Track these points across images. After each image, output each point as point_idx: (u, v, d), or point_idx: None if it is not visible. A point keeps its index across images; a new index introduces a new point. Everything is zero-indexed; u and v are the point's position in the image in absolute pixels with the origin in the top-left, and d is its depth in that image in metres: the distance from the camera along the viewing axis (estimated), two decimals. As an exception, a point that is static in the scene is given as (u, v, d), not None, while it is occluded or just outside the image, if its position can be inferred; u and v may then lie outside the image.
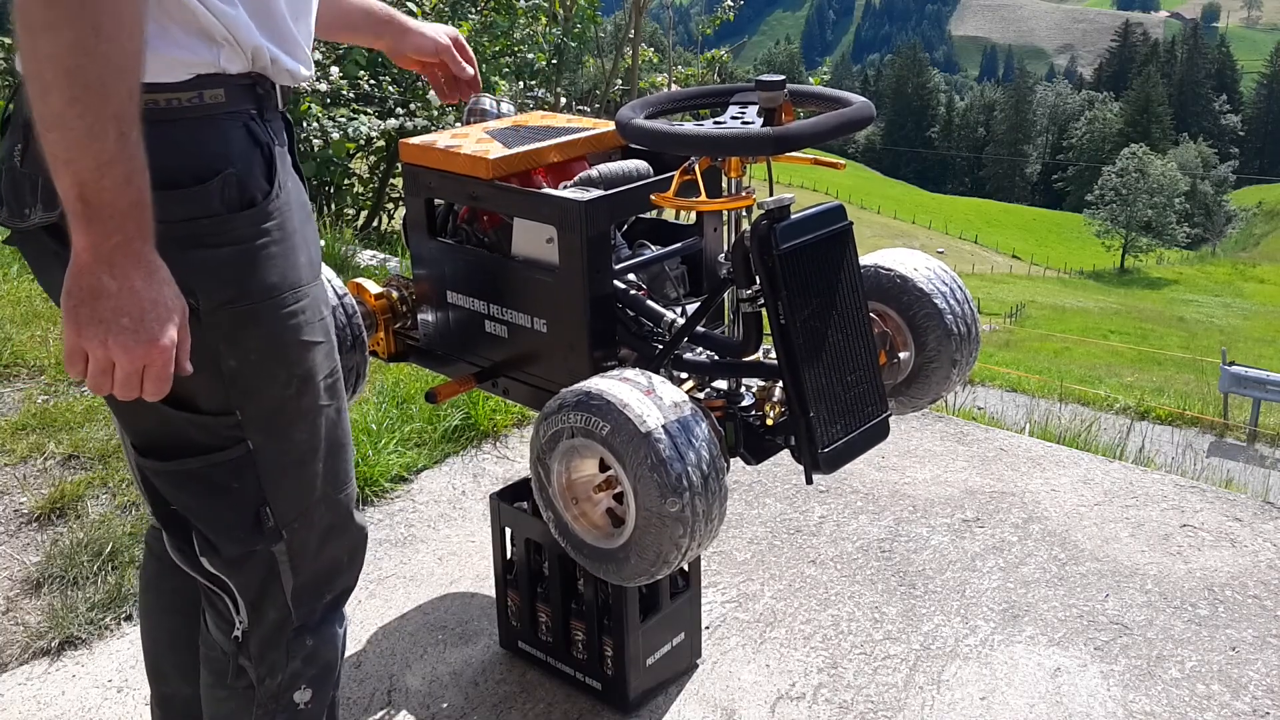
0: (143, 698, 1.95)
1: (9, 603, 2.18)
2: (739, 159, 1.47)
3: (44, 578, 2.23)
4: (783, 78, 1.46)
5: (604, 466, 1.44)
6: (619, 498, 1.44)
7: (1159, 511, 2.67)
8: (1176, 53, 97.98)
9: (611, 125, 1.66)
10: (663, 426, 1.34)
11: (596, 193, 1.58)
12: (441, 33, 1.70)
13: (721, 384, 1.62)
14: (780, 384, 1.50)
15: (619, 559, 1.43)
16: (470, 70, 1.73)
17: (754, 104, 1.48)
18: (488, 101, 1.88)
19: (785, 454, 1.54)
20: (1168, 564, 2.43)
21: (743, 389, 1.61)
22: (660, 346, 1.58)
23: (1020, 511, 2.66)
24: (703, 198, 1.46)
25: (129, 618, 2.16)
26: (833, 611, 2.23)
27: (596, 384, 1.41)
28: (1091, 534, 2.56)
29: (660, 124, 1.46)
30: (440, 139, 1.73)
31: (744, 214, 1.52)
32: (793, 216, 1.43)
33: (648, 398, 1.37)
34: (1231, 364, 12.38)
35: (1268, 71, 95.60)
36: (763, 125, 1.43)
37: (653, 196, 1.52)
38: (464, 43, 1.73)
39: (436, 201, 1.78)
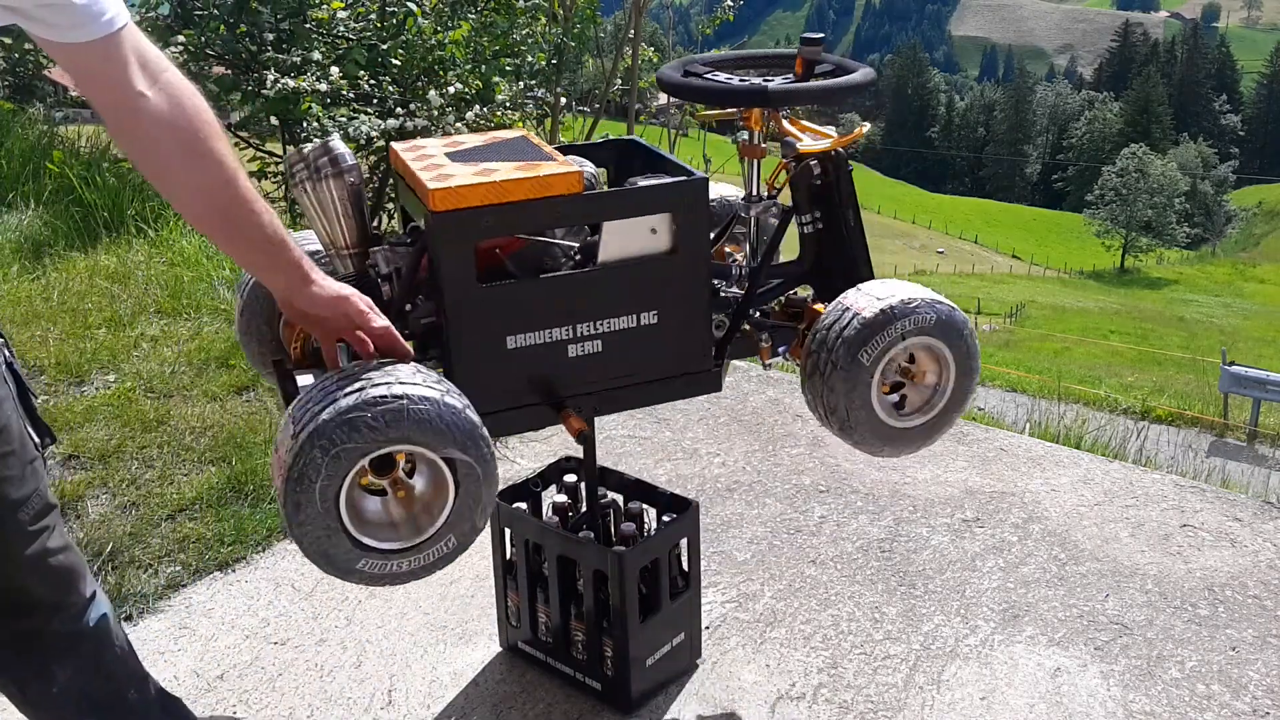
0: (143, 698, 1.95)
1: (9, 603, 2.18)
2: (759, 111, 1.80)
3: (44, 578, 2.23)
4: (821, 35, 1.79)
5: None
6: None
7: (1159, 511, 2.67)
8: (1176, 53, 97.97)
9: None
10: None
11: (698, 172, 1.72)
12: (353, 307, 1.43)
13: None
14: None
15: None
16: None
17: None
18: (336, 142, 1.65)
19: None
20: (1168, 564, 2.43)
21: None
22: (739, 293, 1.82)
23: (1020, 511, 2.66)
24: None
25: (129, 618, 2.16)
26: (833, 611, 2.23)
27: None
28: (1091, 534, 2.56)
29: (686, 78, 1.83)
30: (456, 175, 1.58)
31: (759, 163, 1.86)
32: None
33: None
34: (1231, 364, 12.38)
35: (1268, 71, 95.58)
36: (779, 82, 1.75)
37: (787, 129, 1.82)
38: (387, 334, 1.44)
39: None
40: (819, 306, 1.80)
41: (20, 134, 5.16)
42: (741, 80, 1.83)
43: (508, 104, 6.83)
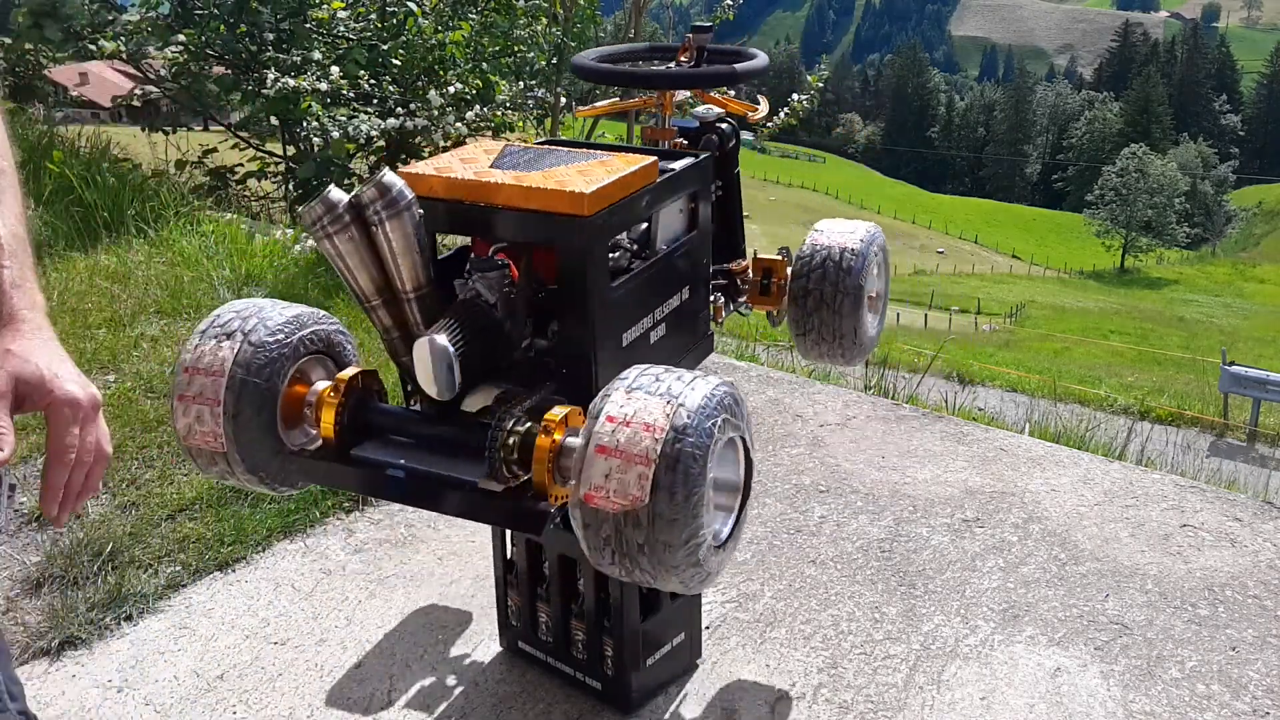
0: (143, 698, 1.95)
1: (9, 603, 2.18)
2: (671, 96, 2.03)
3: (44, 578, 2.23)
4: (711, 24, 2.00)
5: None
6: None
7: (1159, 511, 2.67)
8: (1176, 53, 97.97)
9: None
10: None
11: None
12: (76, 386, 1.05)
13: None
14: None
15: None
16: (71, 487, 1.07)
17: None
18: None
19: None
20: (1168, 564, 2.43)
21: None
22: None
23: (1020, 511, 2.66)
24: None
25: (129, 618, 2.16)
26: (833, 611, 2.23)
27: None
28: (1091, 534, 2.56)
29: (600, 64, 2.00)
30: (572, 178, 1.52)
31: (668, 144, 2.00)
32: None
33: None
34: (1231, 364, 12.36)
35: (1268, 71, 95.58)
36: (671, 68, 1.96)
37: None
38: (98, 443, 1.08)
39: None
40: (782, 259, 2.06)
41: (20, 134, 5.16)
42: (653, 68, 2.06)
43: (508, 104, 6.83)
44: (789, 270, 2.05)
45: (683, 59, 2.06)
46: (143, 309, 3.63)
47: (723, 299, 2.04)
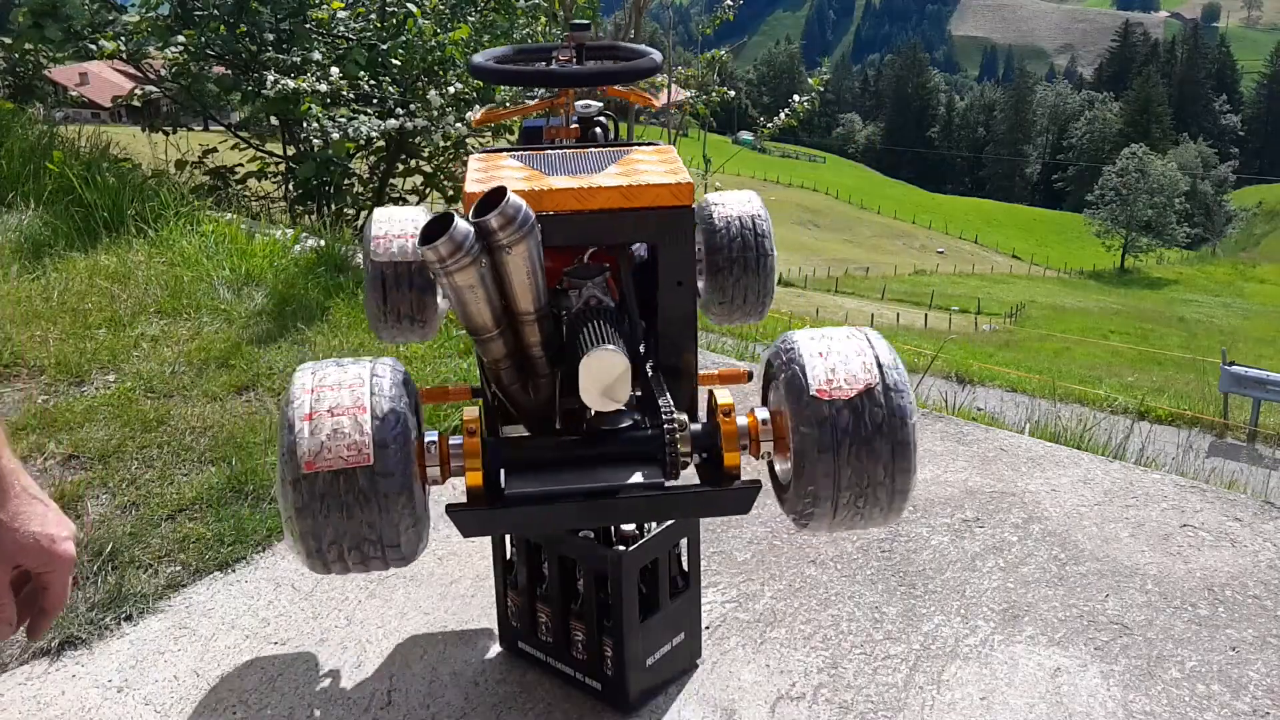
0: (142, 698, 1.95)
1: (9, 603, 2.18)
2: (572, 94, 2.04)
3: (44, 578, 2.23)
4: (587, 23, 2.01)
5: None
6: None
7: (1159, 511, 2.67)
8: (1176, 53, 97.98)
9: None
10: None
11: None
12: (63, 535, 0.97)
13: None
14: None
15: None
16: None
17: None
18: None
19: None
20: (1168, 564, 2.43)
21: None
22: None
23: (1020, 511, 2.66)
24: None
25: (129, 618, 2.16)
26: (833, 611, 2.23)
27: None
28: (1091, 534, 2.56)
29: (493, 64, 1.96)
30: (649, 171, 1.57)
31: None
32: None
33: None
34: (1231, 364, 12.36)
35: (1268, 71, 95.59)
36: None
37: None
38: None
39: None
40: None
41: (20, 134, 5.16)
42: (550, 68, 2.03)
43: (507, 104, 6.83)
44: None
45: (561, 58, 2.02)
46: (143, 309, 3.64)
47: None
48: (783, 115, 7.66)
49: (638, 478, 1.42)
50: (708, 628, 2.14)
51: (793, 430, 1.38)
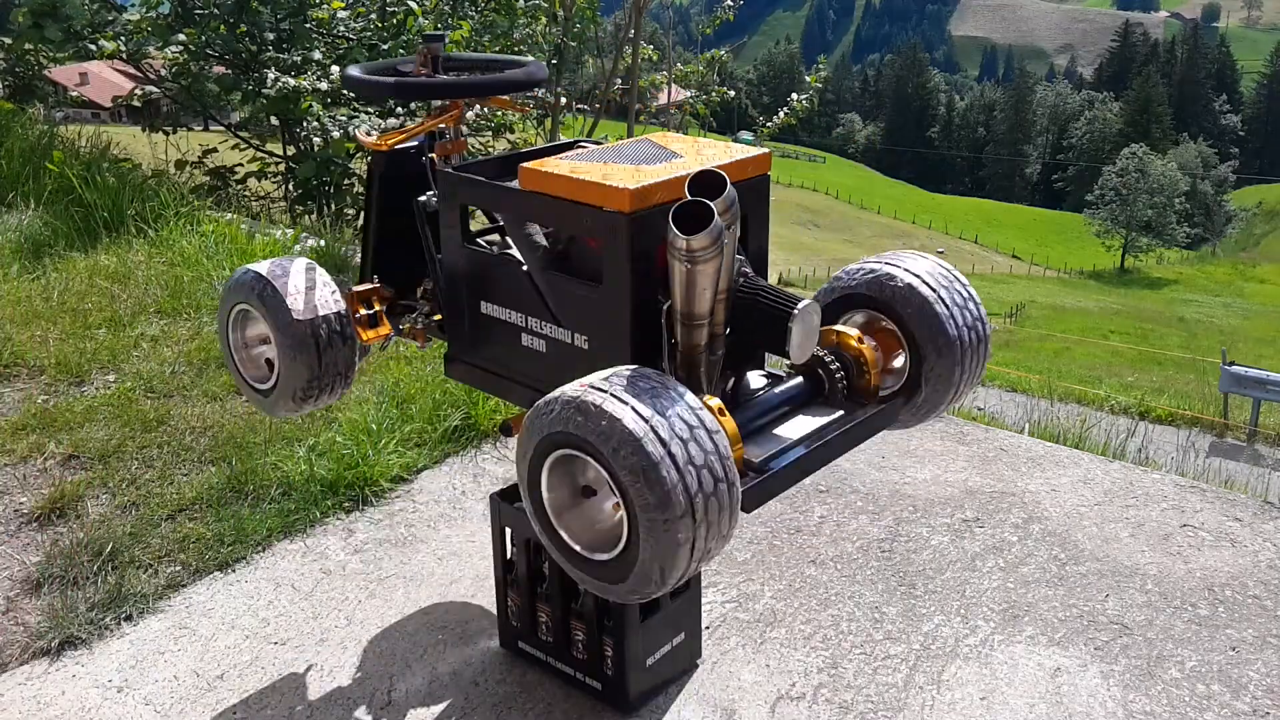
0: (142, 698, 1.95)
1: (9, 603, 2.18)
2: (462, 107, 1.93)
3: (44, 578, 2.23)
4: (441, 34, 1.96)
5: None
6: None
7: (1159, 511, 2.67)
8: (1176, 53, 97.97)
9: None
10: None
11: None
12: None
13: None
14: None
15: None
16: None
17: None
18: None
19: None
20: (1168, 564, 2.43)
21: None
22: None
23: (1020, 511, 2.66)
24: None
25: (129, 618, 2.16)
26: (833, 611, 2.23)
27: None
28: (1091, 534, 2.56)
29: (363, 76, 1.89)
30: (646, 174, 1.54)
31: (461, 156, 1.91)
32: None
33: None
34: (1231, 364, 12.35)
35: (1268, 71, 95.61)
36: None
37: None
38: None
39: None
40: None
41: (20, 134, 5.16)
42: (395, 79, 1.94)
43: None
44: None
45: (422, 70, 1.94)
46: (143, 309, 3.64)
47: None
48: (782, 114, 7.66)
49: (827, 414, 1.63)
50: (708, 628, 2.14)
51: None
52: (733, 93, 8.89)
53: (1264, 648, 2.13)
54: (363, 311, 1.89)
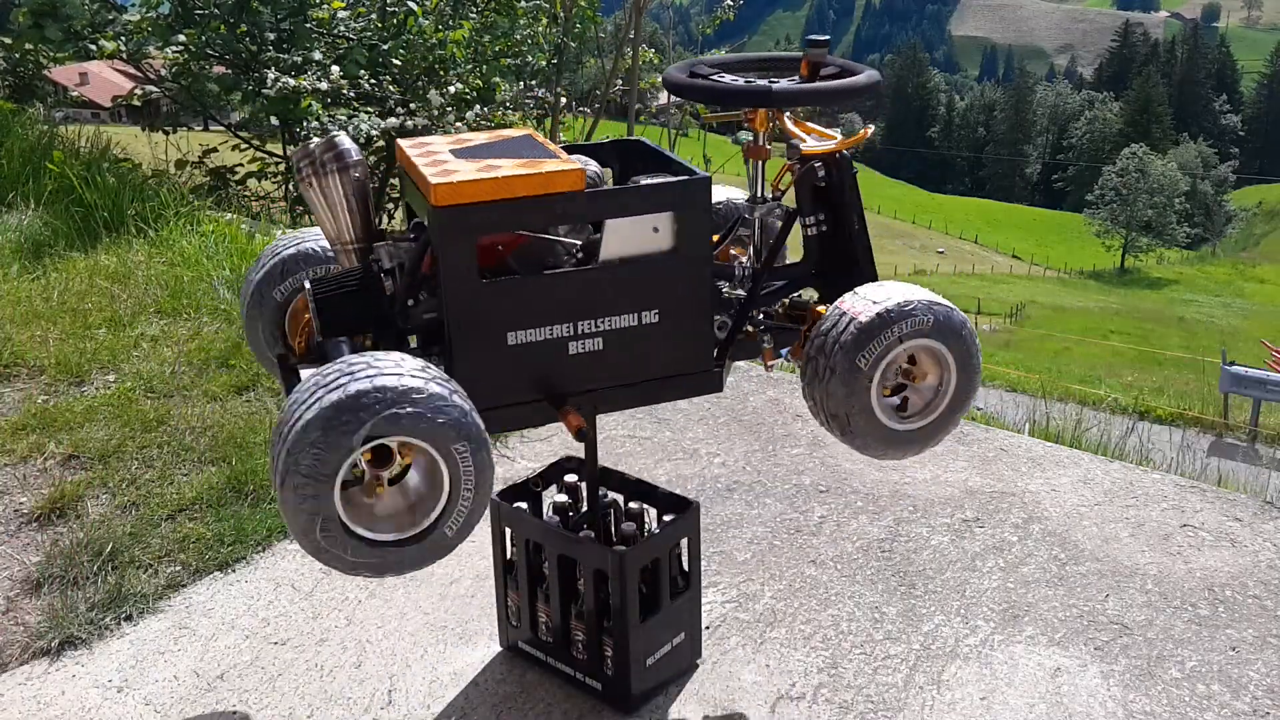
0: (142, 698, 1.95)
1: (9, 603, 2.18)
2: (764, 112, 1.82)
3: (44, 578, 2.23)
4: (826, 38, 1.84)
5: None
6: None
7: (1159, 511, 2.67)
8: (1176, 53, 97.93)
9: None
10: None
11: (701, 171, 1.75)
12: None
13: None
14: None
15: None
16: None
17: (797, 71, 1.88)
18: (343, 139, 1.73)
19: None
20: (1168, 564, 2.43)
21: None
22: (742, 294, 1.84)
23: (1020, 511, 2.66)
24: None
25: (129, 618, 2.16)
26: (833, 611, 2.23)
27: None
28: (1091, 534, 2.56)
29: (693, 79, 1.84)
30: (459, 170, 1.57)
31: (763, 164, 1.87)
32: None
33: None
34: (1231, 364, 12.36)
35: (1268, 71, 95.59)
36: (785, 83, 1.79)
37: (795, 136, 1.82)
38: None
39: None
40: (821, 309, 1.80)
41: (20, 134, 5.15)
42: (747, 82, 1.82)
43: (508, 104, 6.84)
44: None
45: (804, 73, 1.88)
46: (143, 309, 3.63)
47: (770, 341, 1.86)
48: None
49: None
50: (708, 628, 2.14)
51: None
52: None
53: (1264, 648, 2.13)
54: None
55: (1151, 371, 22.34)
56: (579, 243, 1.72)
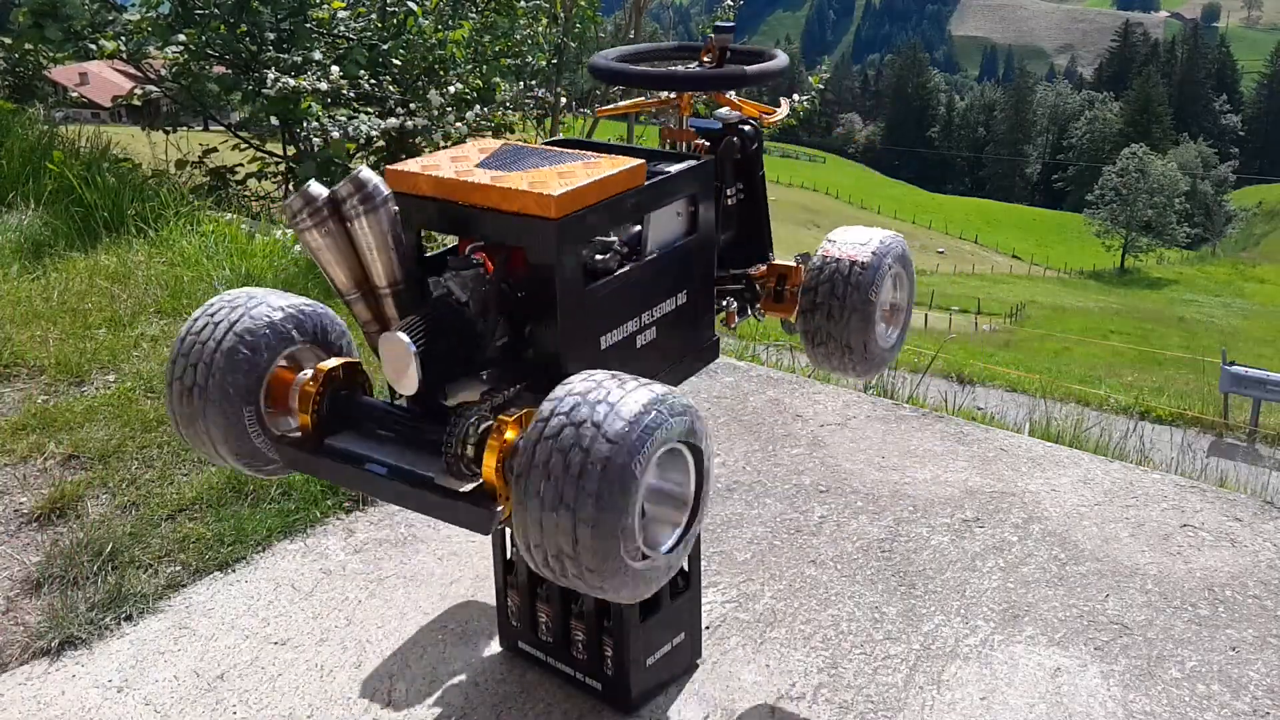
0: (142, 698, 1.95)
1: (9, 603, 2.18)
2: (689, 96, 1.98)
3: (44, 578, 2.23)
4: (732, 24, 1.97)
5: None
6: None
7: (1159, 511, 2.67)
8: (1176, 53, 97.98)
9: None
10: None
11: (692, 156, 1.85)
12: None
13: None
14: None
15: None
16: None
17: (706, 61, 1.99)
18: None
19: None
20: (1168, 564, 2.43)
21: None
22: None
23: (1020, 511, 2.66)
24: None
25: (129, 618, 2.16)
26: (833, 611, 2.23)
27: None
28: (1091, 534, 2.56)
29: (628, 66, 1.96)
30: (550, 179, 1.52)
31: (686, 145, 1.97)
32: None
33: None
34: (1231, 364, 12.36)
35: (1268, 71, 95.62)
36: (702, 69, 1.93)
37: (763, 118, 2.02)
38: None
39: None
40: (799, 266, 2.01)
41: (20, 134, 5.15)
42: (686, 67, 2.00)
43: (508, 104, 6.84)
44: (802, 278, 1.98)
45: (705, 60, 2.02)
46: (143, 309, 3.64)
47: (736, 304, 2.02)
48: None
49: (423, 466, 1.46)
50: (708, 628, 2.14)
51: None
52: (732, 93, 8.88)
53: (1264, 648, 2.13)
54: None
55: (1151, 371, 22.35)
56: (620, 239, 1.76)
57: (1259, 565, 2.43)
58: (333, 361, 1.57)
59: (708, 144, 1.95)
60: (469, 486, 1.40)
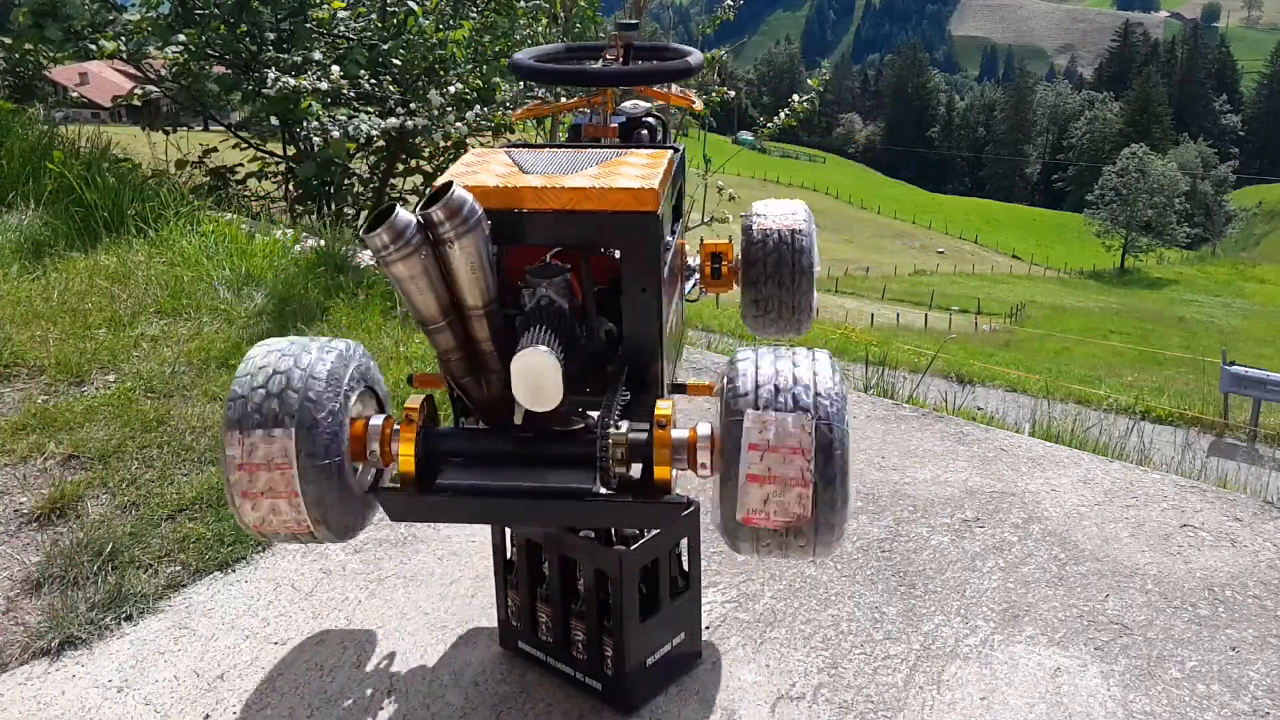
0: (142, 698, 1.95)
1: (9, 603, 2.18)
2: (612, 92, 2.06)
3: (44, 578, 2.23)
4: (636, 22, 2.09)
5: None
6: None
7: (1159, 511, 2.67)
8: (1176, 53, 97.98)
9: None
10: None
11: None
12: None
13: None
14: None
15: None
16: None
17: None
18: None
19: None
20: (1168, 564, 2.43)
21: None
22: None
23: (1020, 511, 2.66)
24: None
25: (129, 618, 2.16)
26: (833, 611, 2.23)
27: None
28: (1091, 534, 2.56)
29: (541, 64, 2.00)
30: (622, 176, 1.54)
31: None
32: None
33: None
34: (1231, 364, 12.35)
35: (1268, 71, 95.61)
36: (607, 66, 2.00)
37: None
38: None
39: None
40: (726, 243, 2.11)
41: (20, 134, 5.15)
42: (605, 63, 2.08)
43: (508, 104, 6.83)
44: (736, 254, 2.11)
45: (609, 57, 2.08)
46: (143, 309, 3.64)
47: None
48: (782, 115, 7.66)
49: (568, 482, 1.43)
50: (708, 628, 2.14)
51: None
52: (733, 93, 8.89)
53: (1264, 648, 2.13)
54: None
55: (1151, 371, 22.35)
56: None
57: (1259, 565, 2.43)
58: (414, 398, 1.51)
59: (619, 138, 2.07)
60: (608, 491, 1.43)
